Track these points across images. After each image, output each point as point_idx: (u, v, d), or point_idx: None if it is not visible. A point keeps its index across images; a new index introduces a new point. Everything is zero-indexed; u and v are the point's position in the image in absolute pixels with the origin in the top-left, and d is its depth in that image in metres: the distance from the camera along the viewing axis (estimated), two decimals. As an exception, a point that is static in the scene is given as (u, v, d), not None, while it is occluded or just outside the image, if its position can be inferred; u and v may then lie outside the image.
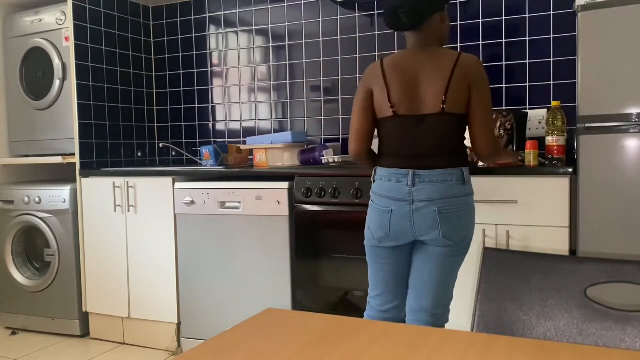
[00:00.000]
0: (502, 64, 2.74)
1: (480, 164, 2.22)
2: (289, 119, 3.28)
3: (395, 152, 1.80)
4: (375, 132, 1.91)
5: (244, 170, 2.71)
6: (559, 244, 2.07)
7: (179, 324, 2.87)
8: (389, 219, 1.79)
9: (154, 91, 3.65)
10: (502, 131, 2.34)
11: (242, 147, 3.00)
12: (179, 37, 3.57)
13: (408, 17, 1.76)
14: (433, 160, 1.75)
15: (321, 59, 3.16)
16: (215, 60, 3.48)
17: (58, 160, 3.16)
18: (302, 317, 0.98)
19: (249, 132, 3.39)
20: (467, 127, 1.80)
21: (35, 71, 3.28)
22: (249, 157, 3.16)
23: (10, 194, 3.22)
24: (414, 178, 1.75)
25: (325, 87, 3.16)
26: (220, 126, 3.49)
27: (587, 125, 1.98)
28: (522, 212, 2.12)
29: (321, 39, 3.15)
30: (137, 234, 2.91)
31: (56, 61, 3.18)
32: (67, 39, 3.15)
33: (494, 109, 2.53)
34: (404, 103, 1.77)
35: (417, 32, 1.81)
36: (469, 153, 2.11)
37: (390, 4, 1.79)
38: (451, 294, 1.88)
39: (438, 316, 1.86)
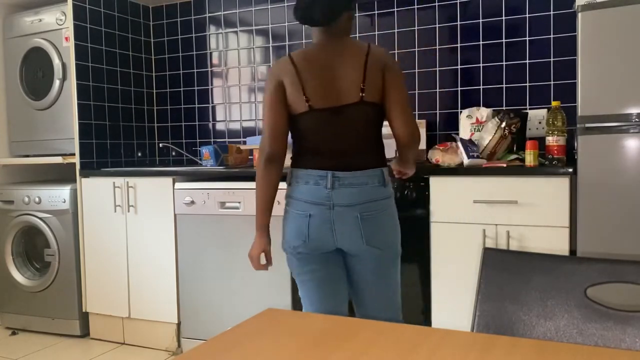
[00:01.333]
0: (502, 64, 2.74)
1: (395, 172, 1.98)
2: (289, 119, 3.27)
3: (313, 149, 1.70)
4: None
5: (244, 170, 2.71)
6: (559, 244, 2.07)
7: (179, 324, 2.87)
8: (307, 225, 1.68)
9: (154, 91, 3.65)
10: (506, 132, 2.33)
11: (242, 147, 3.00)
12: (179, 37, 3.57)
13: (323, 14, 1.70)
14: (353, 160, 1.68)
15: (321, 59, 3.16)
16: (215, 60, 3.48)
17: (58, 160, 3.16)
18: (302, 317, 0.98)
19: (249, 132, 3.39)
20: (386, 115, 1.73)
21: (35, 71, 3.28)
22: (249, 157, 3.16)
23: (10, 194, 3.22)
24: (333, 180, 1.66)
25: (325, 87, 3.16)
26: (220, 126, 3.49)
27: (587, 125, 1.98)
28: (522, 212, 2.12)
29: (321, 39, 3.14)
30: (137, 234, 2.91)
31: (56, 61, 3.18)
32: (67, 39, 3.15)
33: (494, 108, 2.54)
34: (319, 96, 1.68)
35: (327, 27, 1.75)
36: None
37: (302, 4, 1.72)
38: (398, 302, 1.83)
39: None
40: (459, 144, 2.33)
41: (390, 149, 2.25)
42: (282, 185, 1.88)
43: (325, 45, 1.75)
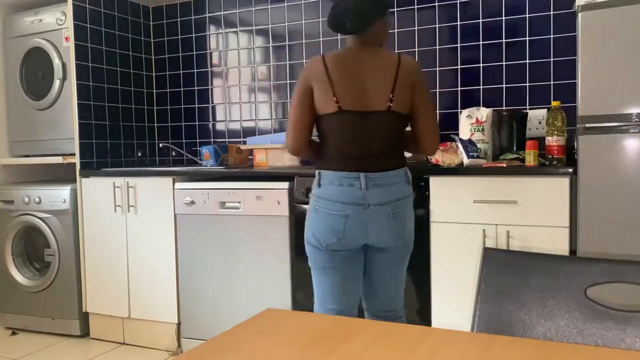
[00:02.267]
0: (502, 64, 2.74)
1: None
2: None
3: (343, 153, 1.79)
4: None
5: (244, 170, 2.71)
6: (559, 244, 2.07)
7: (179, 324, 2.87)
8: (344, 224, 1.76)
9: (154, 91, 3.65)
10: None
11: (242, 147, 2.99)
12: (179, 37, 3.57)
13: (353, 24, 1.79)
14: (382, 162, 1.78)
15: (321, 59, 3.16)
16: (215, 60, 3.48)
17: (58, 160, 3.16)
18: (302, 317, 0.98)
19: (249, 132, 3.39)
20: (411, 126, 1.86)
21: (35, 71, 3.28)
22: (249, 157, 3.16)
23: (10, 194, 3.22)
24: (367, 181, 1.76)
25: (325, 87, 3.16)
26: (220, 126, 3.49)
27: (587, 125, 1.98)
28: (522, 212, 2.12)
29: (321, 39, 3.15)
30: (137, 234, 2.91)
31: (56, 61, 3.18)
32: (67, 39, 3.15)
33: (494, 109, 2.54)
34: (348, 98, 1.75)
35: (360, 35, 1.83)
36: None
37: (334, 12, 1.80)
38: (403, 294, 1.99)
39: (399, 315, 1.96)
40: (459, 144, 2.33)
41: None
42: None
43: (357, 52, 1.81)
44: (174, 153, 3.63)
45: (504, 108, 2.70)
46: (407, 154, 2.01)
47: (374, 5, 1.80)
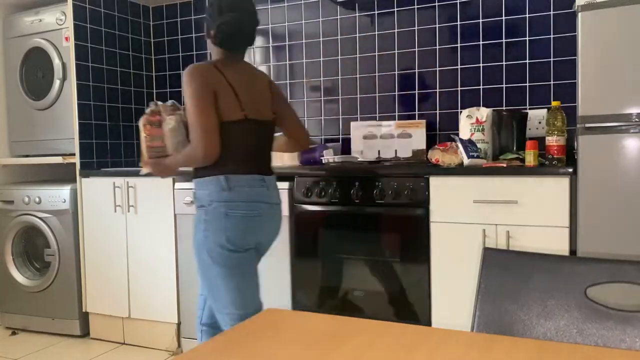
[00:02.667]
0: (502, 64, 2.74)
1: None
2: (289, 119, 3.28)
3: (248, 158, 1.86)
4: None
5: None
6: (559, 244, 2.07)
7: (179, 324, 2.87)
8: (261, 223, 1.86)
9: (154, 91, 3.65)
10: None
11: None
12: (179, 37, 3.57)
13: (244, 41, 1.95)
14: (270, 166, 1.97)
15: (321, 59, 3.16)
16: (215, 60, 3.48)
17: (58, 160, 3.16)
18: (302, 317, 0.98)
19: (249, 132, 3.39)
20: (283, 127, 2.05)
21: (35, 71, 3.28)
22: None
23: (10, 194, 3.22)
24: (267, 183, 1.89)
25: (325, 87, 3.16)
26: (220, 126, 3.48)
27: (587, 125, 1.98)
28: (522, 212, 2.12)
29: (321, 39, 3.15)
30: (137, 234, 2.91)
31: (56, 61, 3.18)
32: (67, 39, 3.15)
33: (494, 109, 2.54)
34: (250, 107, 1.86)
35: (240, 52, 1.97)
36: None
37: (225, 29, 1.88)
38: None
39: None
40: (459, 144, 2.33)
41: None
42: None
43: (238, 64, 1.94)
44: (174, 153, 3.63)
45: (504, 108, 2.70)
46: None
47: (256, 24, 1.98)
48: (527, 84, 2.70)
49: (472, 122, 2.48)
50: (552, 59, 2.65)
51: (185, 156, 1.85)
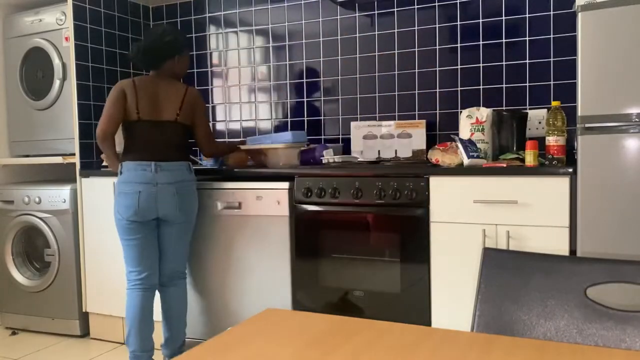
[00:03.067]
0: (502, 64, 2.74)
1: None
2: (289, 119, 3.28)
3: (139, 149, 2.39)
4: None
5: (244, 170, 2.71)
6: (559, 244, 2.07)
7: (179, 324, 2.87)
8: (137, 199, 2.33)
9: (154, 91, 3.65)
10: None
11: (242, 147, 2.99)
12: (179, 37, 3.56)
13: (144, 63, 2.50)
14: (169, 155, 2.40)
15: (321, 59, 3.16)
16: (215, 60, 3.48)
17: (58, 160, 3.16)
18: (302, 317, 0.98)
19: (249, 132, 3.39)
20: (194, 135, 2.55)
21: (35, 71, 3.28)
22: (249, 157, 3.15)
23: (10, 194, 3.22)
24: (156, 167, 2.36)
25: (325, 87, 3.16)
26: (220, 126, 3.49)
27: (587, 125, 1.98)
28: (522, 212, 2.12)
29: (321, 39, 3.15)
30: (137, 234, 2.91)
31: (56, 61, 3.18)
32: (67, 39, 3.15)
33: (494, 109, 2.54)
34: (146, 111, 2.41)
35: (155, 69, 2.52)
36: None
37: (134, 52, 2.48)
38: (186, 258, 2.59)
39: (183, 274, 2.57)
40: (459, 144, 2.33)
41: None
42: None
43: (156, 80, 2.49)
44: (174, 153, 3.63)
45: (504, 108, 2.70)
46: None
47: (164, 48, 2.47)
48: (527, 84, 2.70)
49: (472, 122, 2.48)
50: (552, 59, 2.65)
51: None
